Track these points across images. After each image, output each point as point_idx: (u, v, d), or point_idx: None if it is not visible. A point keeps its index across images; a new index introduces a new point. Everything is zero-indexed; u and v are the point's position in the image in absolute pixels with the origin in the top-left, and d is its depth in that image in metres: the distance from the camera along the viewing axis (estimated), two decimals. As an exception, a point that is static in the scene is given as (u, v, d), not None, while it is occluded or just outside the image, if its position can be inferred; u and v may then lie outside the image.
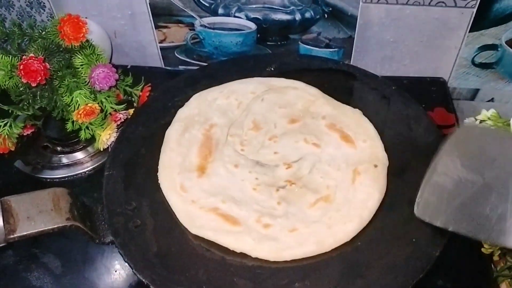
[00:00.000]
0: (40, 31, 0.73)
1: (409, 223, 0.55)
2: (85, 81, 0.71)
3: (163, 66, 0.93)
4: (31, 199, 0.51)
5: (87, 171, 0.76)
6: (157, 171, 0.62)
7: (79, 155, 0.77)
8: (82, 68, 0.71)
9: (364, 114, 0.68)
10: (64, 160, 0.77)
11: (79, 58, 0.71)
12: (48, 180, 0.75)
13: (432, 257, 0.52)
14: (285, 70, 0.74)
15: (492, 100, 0.90)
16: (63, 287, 0.63)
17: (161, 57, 0.91)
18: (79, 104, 0.69)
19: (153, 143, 0.66)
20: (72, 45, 0.70)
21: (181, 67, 0.93)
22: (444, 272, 0.61)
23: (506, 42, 0.80)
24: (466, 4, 0.76)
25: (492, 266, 0.66)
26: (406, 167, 0.61)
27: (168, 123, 0.68)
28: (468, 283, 0.61)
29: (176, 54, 0.91)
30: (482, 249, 0.63)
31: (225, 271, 0.53)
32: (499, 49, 0.81)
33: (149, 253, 0.54)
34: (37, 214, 0.50)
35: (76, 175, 0.76)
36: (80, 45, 0.71)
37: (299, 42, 0.86)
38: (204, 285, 0.51)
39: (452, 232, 0.49)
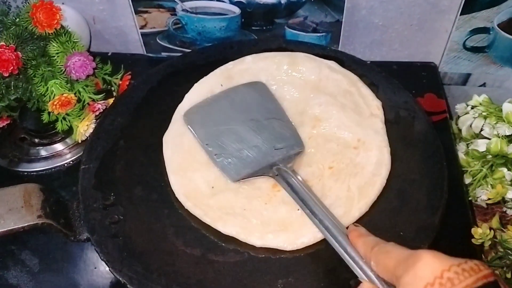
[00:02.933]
0: (14, 18, 0.69)
1: (397, 216, 0.54)
2: (61, 70, 0.68)
3: (145, 53, 0.90)
4: (0, 196, 0.49)
5: (66, 163, 0.73)
6: (137, 164, 0.60)
7: (57, 147, 0.74)
8: (58, 56, 0.68)
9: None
10: (42, 152, 0.74)
11: (54, 46, 0.68)
12: (26, 173, 0.72)
13: (420, 251, 0.50)
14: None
15: (484, 85, 0.88)
16: (41, 285, 0.61)
17: (142, 43, 0.88)
18: (54, 94, 0.67)
19: (132, 135, 0.63)
20: (46, 33, 0.67)
21: (164, 54, 0.89)
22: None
23: (498, 25, 0.78)
24: (457, -14, 0.73)
25: (483, 256, 0.65)
26: (394, 157, 0.59)
27: (148, 113, 0.65)
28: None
29: (158, 40, 0.87)
30: (473, 240, 0.62)
31: (205, 268, 0.51)
32: (491, 32, 0.79)
33: (127, 250, 0.52)
34: (6, 212, 0.48)
35: (55, 167, 0.73)
36: (54, 32, 0.68)
37: (285, 27, 0.83)
38: (184, 283, 0.50)
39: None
